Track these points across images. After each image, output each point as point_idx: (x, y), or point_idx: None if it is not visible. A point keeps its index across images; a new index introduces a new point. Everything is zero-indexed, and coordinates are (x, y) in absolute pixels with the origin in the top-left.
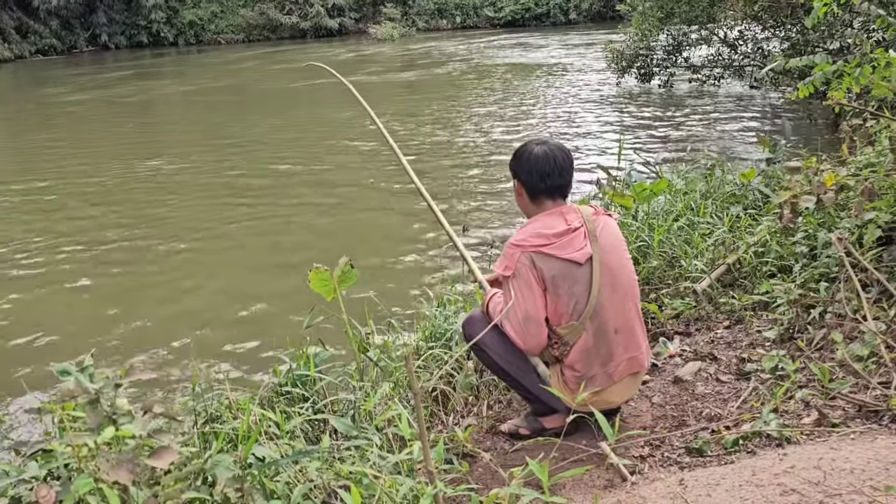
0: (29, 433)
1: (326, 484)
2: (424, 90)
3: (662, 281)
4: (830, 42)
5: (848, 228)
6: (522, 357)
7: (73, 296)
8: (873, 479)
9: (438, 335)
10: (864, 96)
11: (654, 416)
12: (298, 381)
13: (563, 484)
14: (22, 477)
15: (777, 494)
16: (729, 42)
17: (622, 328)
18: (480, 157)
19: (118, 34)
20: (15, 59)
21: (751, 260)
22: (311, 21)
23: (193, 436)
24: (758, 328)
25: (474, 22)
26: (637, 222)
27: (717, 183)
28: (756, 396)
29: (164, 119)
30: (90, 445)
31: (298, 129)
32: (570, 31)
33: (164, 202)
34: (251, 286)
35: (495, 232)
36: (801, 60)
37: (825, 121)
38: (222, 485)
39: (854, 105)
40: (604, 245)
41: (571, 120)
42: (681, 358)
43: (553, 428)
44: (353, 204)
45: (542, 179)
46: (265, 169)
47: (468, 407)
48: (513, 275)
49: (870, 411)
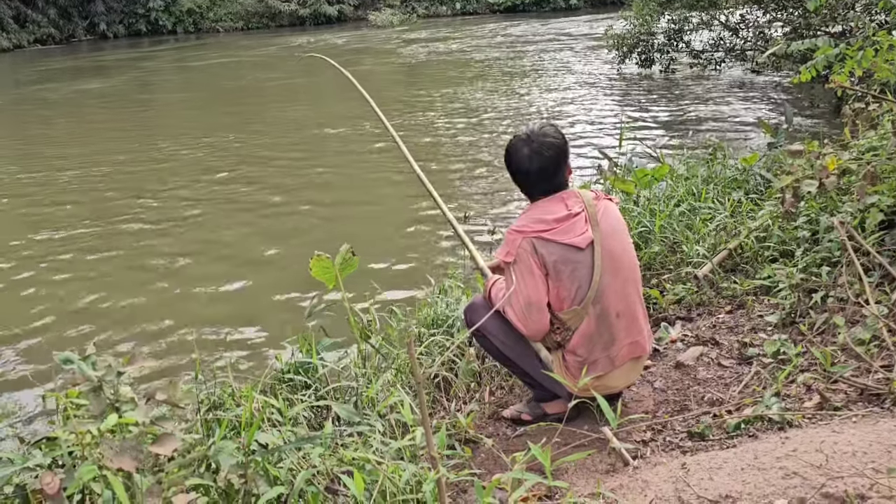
0: (33, 422)
1: (329, 470)
2: (424, 77)
3: (664, 266)
4: (832, 25)
5: (850, 212)
6: (524, 343)
7: (71, 286)
8: (875, 461)
9: (440, 322)
10: (866, 80)
11: (656, 400)
12: (301, 368)
13: (565, 468)
14: (27, 465)
15: (779, 477)
16: (730, 26)
17: (624, 313)
18: (481, 144)
19: (116, 23)
20: (13, 48)
21: (752, 245)
22: (310, 8)
23: (196, 423)
24: (759, 313)
25: (474, 8)
26: (638, 207)
27: (719, 168)
28: (758, 380)
29: (163, 107)
30: (94, 433)
31: (298, 117)
32: (571, 17)
33: (157, 191)
34: (252, 274)
35: (496, 218)
36: (803, 44)
37: (827, 105)
38: (226, 471)
39: (856, 88)
40: (605, 230)
41: (572, 106)
42: (682, 343)
43: (555, 413)
44: (354, 192)
45: (534, 185)
46: (264, 156)
47: (470, 393)
48: (514, 261)
49: (871, 395)
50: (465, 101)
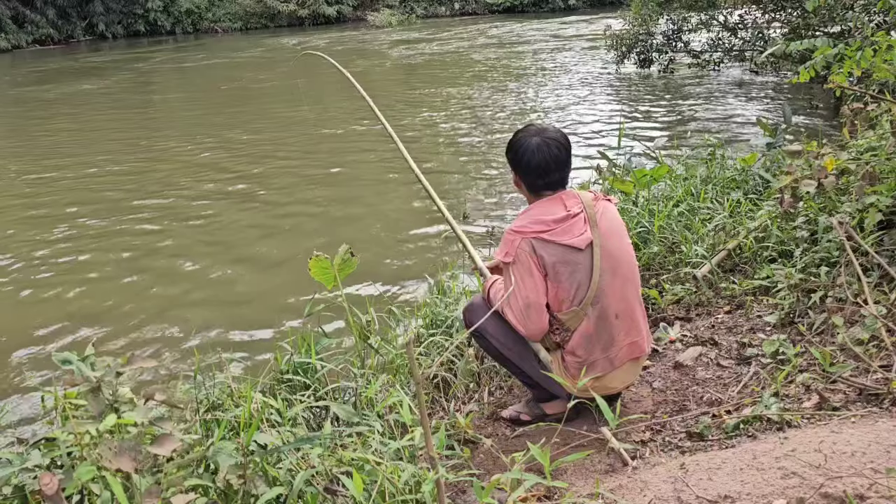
0: (31, 422)
1: (328, 470)
2: (422, 77)
3: (663, 266)
4: (831, 25)
5: (849, 212)
6: (523, 343)
7: (69, 286)
8: (874, 461)
9: (439, 322)
10: (864, 80)
11: (655, 401)
12: (300, 368)
13: (564, 469)
14: (25, 465)
15: (778, 478)
16: (729, 26)
17: (623, 313)
18: (479, 144)
19: (115, 23)
20: (12, 49)
21: (751, 245)
22: (309, 9)
23: (195, 423)
24: (758, 313)
25: (473, 8)
26: (637, 208)
27: (718, 168)
28: (757, 381)
29: (161, 107)
30: (92, 433)
31: (297, 117)
32: (570, 17)
33: (156, 191)
34: (251, 275)
35: (495, 219)
36: (801, 44)
37: (826, 105)
38: (224, 472)
39: (855, 88)
40: (604, 230)
41: (570, 106)
42: (681, 343)
43: (554, 413)
44: (353, 192)
45: (539, 177)
46: (264, 156)
47: (469, 393)
48: (513, 261)
49: (870, 395)
50: (463, 101)
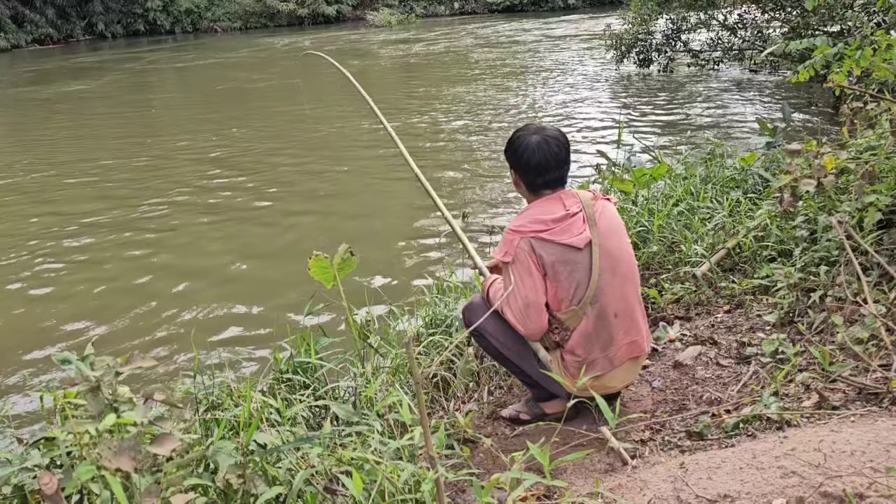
0: (31, 422)
1: (328, 470)
2: (422, 77)
3: (662, 266)
4: (831, 25)
5: (848, 212)
6: (522, 343)
7: (69, 286)
8: (873, 460)
9: (439, 321)
10: (864, 79)
11: (655, 400)
12: (299, 368)
13: (563, 468)
14: (25, 465)
15: (777, 477)
16: (728, 26)
17: (622, 312)
18: (479, 143)
19: (114, 23)
20: (11, 48)
21: (751, 244)
22: (309, 8)
23: (195, 423)
24: (758, 312)
25: (472, 7)
26: (637, 207)
27: (717, 167)
28: (756, 380)
29: (161, 107)
30: (92, 433)
31: (297, 116)
32: (570, 16)
33: (156, 191)
34: (251, 274)
35: (494, 218)
36: (801, 43)
37: (825, 104)
38: (224, 471)
39: (854, 88)
40: (603, 229)
41: (570, 105)
42: (681, 342)
43: (554, 413)
44: (353, 191)
45: (539, 175)
46: (264, 155)
47: (469, 393)
48: (512, 261)
49: (870, 394)
50: (463, 100)
